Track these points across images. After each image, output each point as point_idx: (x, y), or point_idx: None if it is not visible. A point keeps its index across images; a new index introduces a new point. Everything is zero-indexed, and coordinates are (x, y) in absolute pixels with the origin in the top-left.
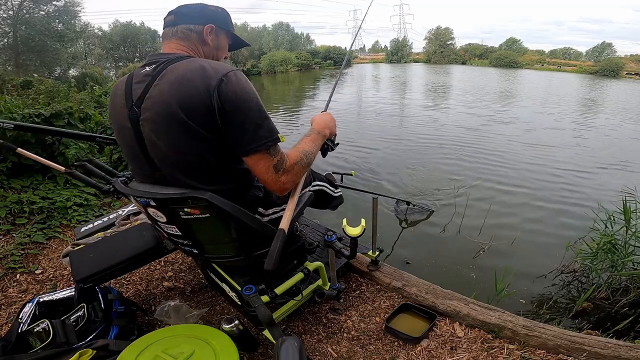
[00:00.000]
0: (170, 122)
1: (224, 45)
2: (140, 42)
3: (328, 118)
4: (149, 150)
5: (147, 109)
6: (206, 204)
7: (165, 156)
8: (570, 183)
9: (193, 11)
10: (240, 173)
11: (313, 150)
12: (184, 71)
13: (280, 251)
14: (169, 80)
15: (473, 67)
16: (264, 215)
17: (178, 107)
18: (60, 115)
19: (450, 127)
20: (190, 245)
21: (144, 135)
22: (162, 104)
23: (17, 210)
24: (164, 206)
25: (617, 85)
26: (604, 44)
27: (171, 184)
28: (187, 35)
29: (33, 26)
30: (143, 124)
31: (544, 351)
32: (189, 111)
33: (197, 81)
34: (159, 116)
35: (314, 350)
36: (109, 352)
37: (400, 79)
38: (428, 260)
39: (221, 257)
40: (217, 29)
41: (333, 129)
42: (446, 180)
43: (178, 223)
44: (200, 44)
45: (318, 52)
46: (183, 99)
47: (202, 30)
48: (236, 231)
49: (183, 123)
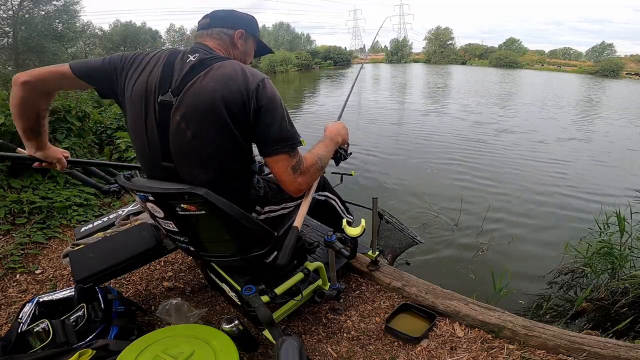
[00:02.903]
0: (208, 113)
1: (251, 50)
2: (141, 42)
3: (340, 127)
4: (169, 136)
5: (187, 98)
6: (202, 200)
7: (187, 144)
8: (570, 184)
9: (227, 16)
10: (246, 174)
11: (327, 155)
12: (229, 71)
13: (294, 247)
14: (215, 76)
15: (473, 67)
16: (260, 213)
17: (221, 101)
18: (57, 112)
19: (451, 128)
20: (186, 242)
21: (170, 121)
22: (205, 95)
23: (16, 210)
24: (161, 201)
25: (617, 85)
26: (604, 44)
27: (173, 176)
28: (220, 37)
29: (32, 26)
30: (175, 111)
31: (543, 351)
32: (230, 106)
33: (240, 82)
34: (198, 106)
35: (314, 350)
36: (109, 352)
37: (401, 80)
38: (428, 260)
39: (217, 256)
40: (246, 34)
41: (345, 137)
42: (447, 181)
43: (175, 219)
44: (231, 47)
45: (318, 52)
46: (226, 95)
47: (233, 34)
48: (231, 230)
49: (220, 116)
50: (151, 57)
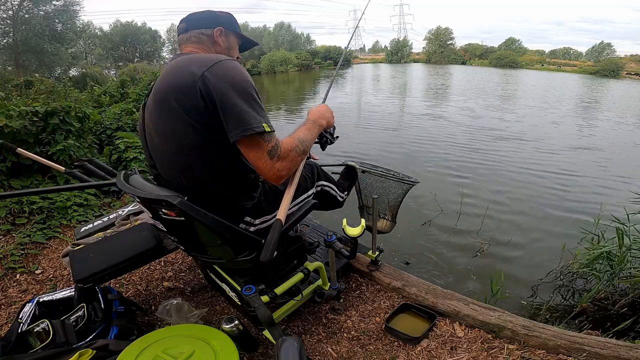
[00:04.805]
0: (162, 107)
1: (234, 45)
2: (140, 42)
3: (324, 109)
4: (147, 138)
5: (150, 97)
6: (178, 208)
7: (156, 144)
8: (570, 184)
9: (201, 17)
10: (231, 178)
11: (308, 138)
12: (184, 62)
13: (277, 242)
14: (167, 69)
15: (473, 67)
16: (251, 225)
17: (171, 91)
18: (56, 113)
19: (452, 129)
20: (176, 241)
21: (145, 122)
22: (159, 92)
23: (17, 210)
24: (146, 205)
25: (618, 85)
26: (602, 44)
27: (160, 180)
28: (199, 39)
29: (31, 27)
30: (147, 112)
31: (543, 351)
32: (178, 95)
33: (191, 69)
34: (154, 102)
35: (314, 350)
36: (109, 352)
37: (402, 81)
38: (428, 260)
39: (206, 257)
40: (225, 31)
41: (330, 119)
42: (447, 182)
43: (160, 221)
44: (212, 46)
45: (318, 52)
46: (175, 85)
47: (212, 33)
48: (213, 236)
49: (172, 107)
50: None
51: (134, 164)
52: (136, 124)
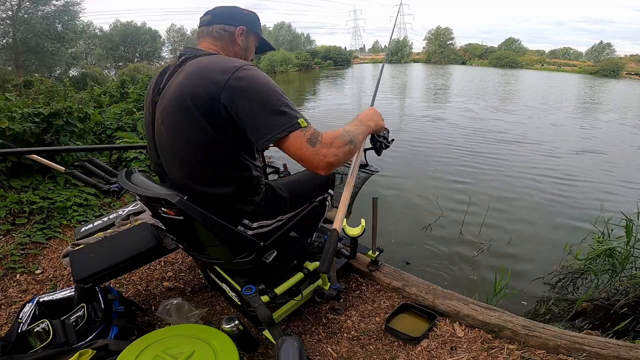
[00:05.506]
0: (177, 108)
1: (251, 47)
2: (140, 42)
3: (371, 112)
4: (155, 136)
5: (163, 96)
6: (177, 207)
7: (165, 143)
8: (571, 184)
9: (227, 12)
10: (234, 181)
11: (355, 131)
12: (203, 64)
13: (334, 252)
14: (186, 70)
15: (473, 67)
16: (249, 228)
17: (188, 95)
18: (59, 115)
19: (452, 129)
20: (175, 240)
21: (155, 120)
22: (175, 91)
23: (17, 210)
24: (146, 202)
25: (618, 85)
26: (602, 44)
27: (164, 177)
28: (220, 35)
29: (31, 27)
30: (157, 109)
31: (543, 351)
32: (196, 100)
33: (213, 73)
34: (170, 102)
35: (314, 350)
36: (109, 352)
37: (401, 81)
38: (428, 260)
39: (205, 257)
40: (247, 31)
41: (379, 122)
42: (447, 182)
43: (160, 219)
44: (231, 44)
45: (318, 52)
46: (194, 88)
47: (234, 31)
48: (212, 236)
49: (188, 110)
50: (160, 71)
51: (134, 164)
52: (136, 124)
